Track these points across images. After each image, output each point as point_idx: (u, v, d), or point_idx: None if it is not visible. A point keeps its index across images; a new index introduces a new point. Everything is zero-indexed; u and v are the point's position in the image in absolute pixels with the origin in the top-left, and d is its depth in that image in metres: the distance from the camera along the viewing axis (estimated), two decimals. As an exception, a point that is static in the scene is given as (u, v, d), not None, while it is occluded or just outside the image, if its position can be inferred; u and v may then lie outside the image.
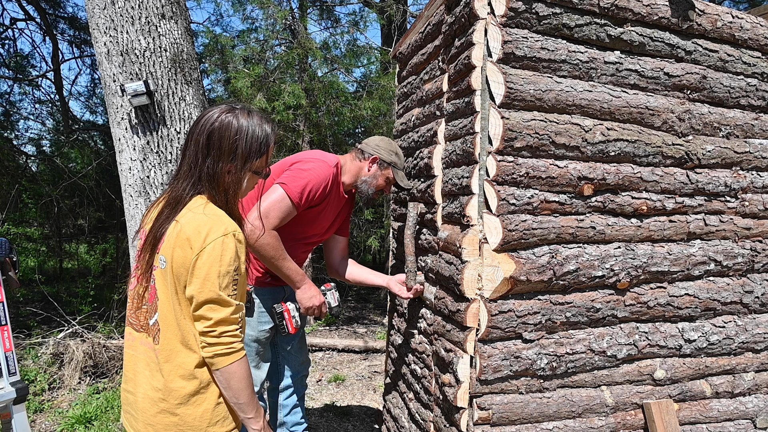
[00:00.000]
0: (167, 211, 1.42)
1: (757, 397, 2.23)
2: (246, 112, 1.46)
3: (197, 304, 1.34)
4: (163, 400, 1.41)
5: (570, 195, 1.90)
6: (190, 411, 1.40)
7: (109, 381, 4.19)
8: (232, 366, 1.37)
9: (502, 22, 1.78)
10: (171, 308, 1.39)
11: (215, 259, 1.32)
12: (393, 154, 2.38)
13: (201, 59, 6.45)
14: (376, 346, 5.42)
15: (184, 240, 1.34)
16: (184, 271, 1.35)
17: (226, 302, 1.35)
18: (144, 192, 3.30)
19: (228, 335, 1.36)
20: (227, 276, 1.35)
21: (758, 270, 2.23)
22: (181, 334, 1.40)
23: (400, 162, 2.40)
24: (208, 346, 1.36)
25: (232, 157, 1.42)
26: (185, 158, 1.45)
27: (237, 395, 1.40)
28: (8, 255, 2.54)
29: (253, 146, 1.43)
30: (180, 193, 1.42)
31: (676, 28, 2.02)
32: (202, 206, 1.40)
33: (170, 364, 1.40)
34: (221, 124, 1.41)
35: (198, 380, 1.41)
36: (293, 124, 6.07)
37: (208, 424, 1.42)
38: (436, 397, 2.08)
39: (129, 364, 1.51)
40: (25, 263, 7.17)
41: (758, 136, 2.22)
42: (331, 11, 7.32)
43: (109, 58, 3.24)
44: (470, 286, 1.80)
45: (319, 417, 3.71)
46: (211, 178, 1.41)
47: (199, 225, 1.35)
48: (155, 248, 1.42)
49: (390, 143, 2.42)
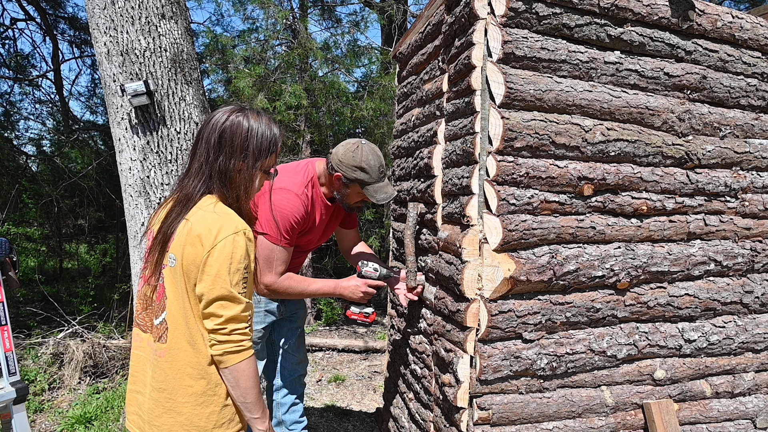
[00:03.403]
0: (177, 210, 1.43)
1: (757, 397, 2.23)
2: (255, 113, 1.49)
3: (208, 301, 1.35)
4: (169, 400, 1.41)
5: (570, 195, 1.90)
6: (197, 411, 1.40)
7: (109, 381, 4.19)
8: (241, 364, 1.38)
9: (502, 22, 1.78)
10: (180, 307, 1.40)
11: (226, 257, 1.34)
12: (356, 170, 2.10)
13: (201, 59, 6.46)
14: (376, 346, 5.42)
15: (195, 237, 1.36)
16: (195, 268, 1.36)
17: (236, 299, 1.36)
18: (144, 192, 3.30)
19: (238, 333, 1.37)
20: (238, 273, 1.36)
21: (758, 270, 2.23)
22: (189, 333, 1.40)
23: (369, 176, 2.13)
24: (217, 343, 1.36)
25: (244, 155, 1.44)
26: (195, 157, 1.46)
27: (245, 394, 1.40)
28: (8, 255, 2.54)
29: (264, 144, 1.46)
30: (191, 191, 1.43)
31: (676, 28, 2.02)
32: (213, 205, 1.41)
33: (178, 363, 1.40)
34: (232, 123, 1.44)
35: (206, 380, 1.41)
36: (294, 124, 6.07)
37: (214, 426, 1.42)
38: (436, 397, 2.08)
39: (137, 365, 1.52)
40: (25, 263, 7.17)
41: (758, 136, 2.22)
42: (331, 11, 7.33)
43: (109, 58, 3.24)
44: (470, 286, 1.80)
45: (319, 417, 3.71)
46: (222, 175, 1.43)
47: (210, 223, 1.36)
48: (165, 247, 1.43)
49: (354, 155, 2.11)
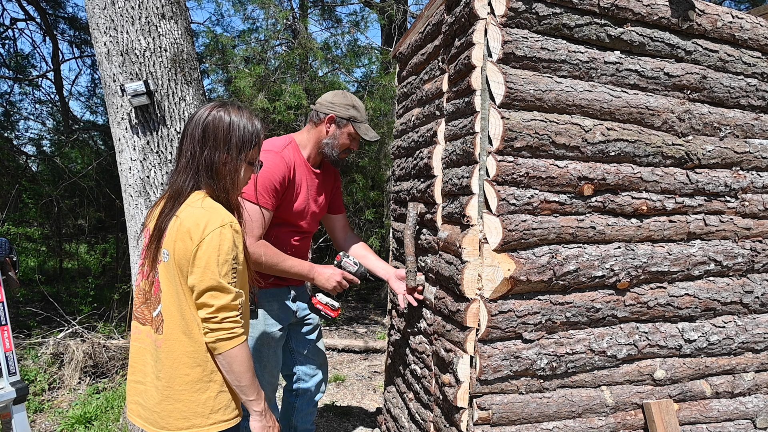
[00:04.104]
0: (169, 206, 1.51)
1: (757, 397, 2.23)
2: (236, 107, 1.56)
3: (199, 292, 1.42)
4: (167, 388, 1.49)
5: (570, 195, 1.90)
6: (194, 398, 1.48)
7: (109, 381, 4.19)
8: (234, 350, 1.45)
9: (502, 22, 1.78)
10: (175, 299, 1.48)
11: (214, 249, 1.41)
12: (350, 108, 2.23)
13: (201, 59, 6.45)
14: (376, 346, 5.42)
15: (185, 233, 1.44)
16: (186, 262, 1.44)
17: (226, 289, 1.43)
18: (144, 192, 3.30)
19: (229, 321, 1.44)
20: (226, 264, 1.43)
21: (758, 270, 2.23)
22: (184, 324, 1.48)
23: (360, 114, 2.25)
24: (210, 331, 1.44)
25: (228, 147, 1.51)
26: (182, 153, 1.54)
27: (239, 378, 1.47)
28: (8, 255, 2.54)
29: (246, 137, 1.53)
30: (180, 186, 1.51)
31: (676, 28, 2.02)
32: (201, 200, 1.49)
33: (174, 352, 1.48)
34: (214, 118, 1.52)
35: (201, 368, 1.48)
36: (294, 124, 6.07)
37: (211, 411, 1.49)
38: (436, 397, 2.08)
39: (137, 356, 1.60)
40: (25, 263, 7.17)
41: (758, 136, 2.22)
42: (331, 11, 7.33)
43: (109, 58, 3.25)
44: (470, 286, 1.80)
45: (319, 417, 3.71)
46: (208, 168, 1.51)
47: (197, 218, 1.44)
48: (159, 243, 1.51)
49: (344, 96, 2.26)
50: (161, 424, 1.50)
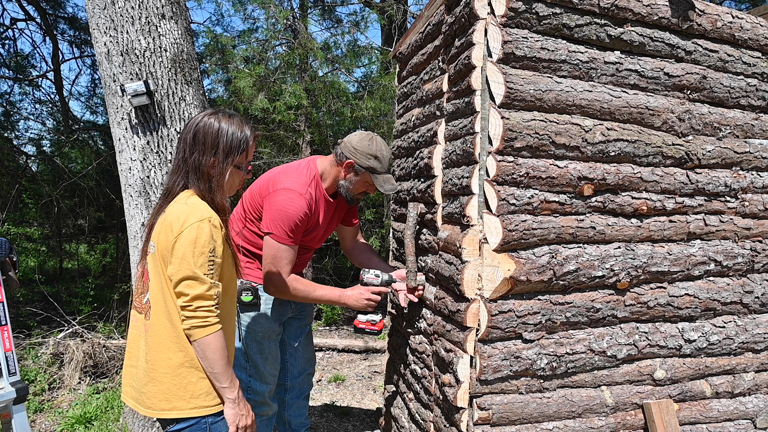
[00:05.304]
0: (160, 203, 1.66)
1: (757, 397, 2.23)
2: (227, 115, 1.67)
3: (176, 281, 1.52)
4: (152, 370, 1.59)
5: (570, 195, 1.90)
6: (176, 381, 1.57)
7: (109, 381, 4.19)
8: (208, 338, 1.53)
9: (502, 22, 1.78)
10: (159, 287, 1.59)
11: (191, 241, 1.51)
12: (371, 158, 2.19)
13: (201, 59, 6.45)
14: (376, 346, 5.42)
15: (167, 226, 1.55)
16: (167, 252, 1.54)
17: (201, 279, 1.52)
18: (144, 192, 3.30)
19: (203, 309, 1.52)
20: (202, 256, 1.52)
21: (758, 270, 2.23)
22: (167, 311, 1.57)
23: (381, 165, 2.21)
24: (186, 319, 1.53)
25: (215, 152, 1.62)
26: (176, 155, 1.68)
27: (212, 365, 1.55)
28: (8, 255, 2.54)
29: (234, 143, 1.64)
30: (171, 185, 1.65)
31: (676, 28, 2.02)
32: (186, 197, 1.60)
33: (159, 337, 1.58)
34: (205, 124, 1.63)
35: (183, 353, 1.57)
36: (294, 124, 6.07)
37: (192, 395, 1.58)
38: (436, 397, 2.08)
39: (132, 342, 1.70)
40: (25, 263, 7.16)
41: (758, 136, 2.22)
42: (332, 11, 7.32)
43: (109, 58, 3.24)
44: (470, 286, 1.80)
45: (319, 417, 3.71)
46: (196, 169, 1.62)
47: (179, 213, 1.55)
48: (149, 236, 1.65)
49: (370, 144, 2.20)
50: (147, 404, 1.60)
